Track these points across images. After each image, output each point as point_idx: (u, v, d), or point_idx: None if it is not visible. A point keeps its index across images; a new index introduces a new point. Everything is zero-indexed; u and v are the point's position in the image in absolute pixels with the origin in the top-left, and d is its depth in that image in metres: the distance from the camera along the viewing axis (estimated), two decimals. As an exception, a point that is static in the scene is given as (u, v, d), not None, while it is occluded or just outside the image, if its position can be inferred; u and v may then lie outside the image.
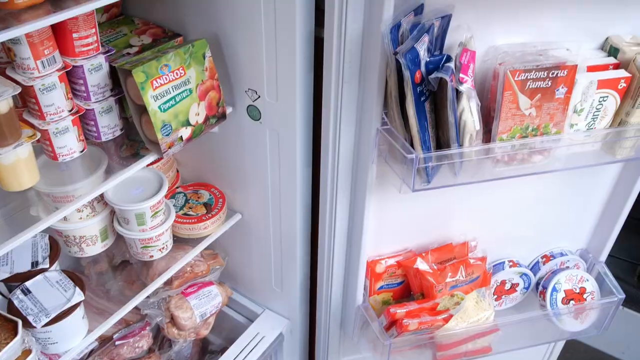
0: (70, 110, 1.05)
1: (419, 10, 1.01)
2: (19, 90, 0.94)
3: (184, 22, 1.26)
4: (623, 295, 1.46)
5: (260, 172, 1.36)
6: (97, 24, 1.05)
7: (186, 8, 1.23)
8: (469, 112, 1.01)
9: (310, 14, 1.11)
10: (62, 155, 1.08)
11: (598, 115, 1.13)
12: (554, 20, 1.11)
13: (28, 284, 1.13)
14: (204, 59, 1.15)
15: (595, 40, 1.18)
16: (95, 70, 1.06)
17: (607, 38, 1.16)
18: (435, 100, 1.02)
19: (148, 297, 1.39)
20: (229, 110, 1.27)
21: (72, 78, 1.06)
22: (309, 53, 1.15)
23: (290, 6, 1.07)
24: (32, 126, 1.02)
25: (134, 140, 1.31)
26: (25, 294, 1.13)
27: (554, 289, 1.46)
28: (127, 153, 1.34)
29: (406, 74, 0.94)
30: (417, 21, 0.99)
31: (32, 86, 0.98)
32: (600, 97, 1.11)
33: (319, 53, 1.13)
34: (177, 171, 1.53)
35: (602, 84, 1.09)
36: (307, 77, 1.17)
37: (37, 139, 0.99)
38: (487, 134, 1.12)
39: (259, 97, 1.23)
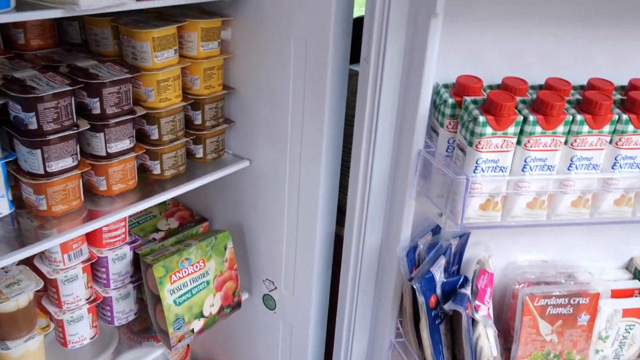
0: (87, 299, 1.07)
1: (436, 229, 1.02)
2: (41, 285, 0.96)
3: (211, 209, 1.31)
4: None
5: (271, 359, 1.32)
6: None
7: (215, 197, 1.29)
8: (486, 338, 0.97)
9: (332, 215, 1.15)
10: (72, 343, 1.08)
11: (625, 342, 1.08)
12: (576, 238, 1.11)
13: None
14: (225, 250, 1.18)
15: (620, 259, 1.16)
16: (119, 260, 1.10)
17: (631, 258, 1.15)
18: (451, 321, 1.00)
19: None
20: (244, 296, 1.27)
21: (95, 266, 1.09)
22: (328, 252, 1.16)
23: (313, 206, 1.11)
24: (48, 314, 1.04)
25: (148, 314, 1.31)
26: None
27: None
28: (140, 327, 1.33)
29: (420, 299, 0.93)
30: (434, 241, 1.00)
31: (55, 278, 1.01)
32: (627, 325, 1.06)
33: (338, 249, 1.15)
34: (188, 345, 1.50)
35: (627, 313, 1.05)
36: (325, 275, 1.18)
37: (49, 331, 1.00)
38: (507, 352, 1.07)
39: (276, 288, 1.24)
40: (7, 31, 1.02)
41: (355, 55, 1.01)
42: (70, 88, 0.88)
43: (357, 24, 0.98)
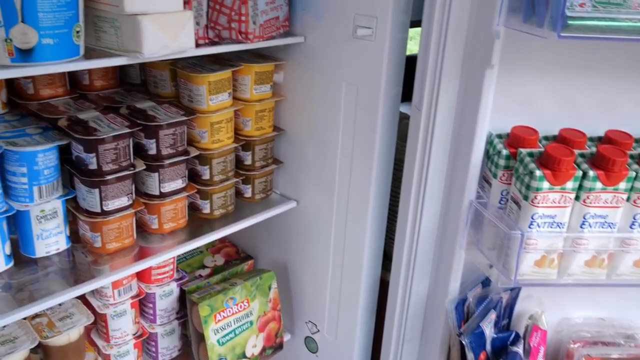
0: (134, 334, 1.08)
1: (486, 281, 0.99)
2: (92, 319, 0.98)
3: (257, 247, 1.32)
4: None
5: (311, 403, 1.29)
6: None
7: (261, 235, 1.30)
8: (539, 400, 0.92)
9: (378, 260, 1.13)
10: (117, 377, 1.09)
11: (693, 412, 1.00)
12: (637, 295, 1.05)
13: None
14: (270, 290, 1.18)
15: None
16: (166, 296, 1.11)
17: (697, 318, 1.07)
18: (501, 380, 0.96)
19: None
20: (287, 337, 1.26)
21: (142, 301, 1.11)
22: (372, 298, 1.14)
23: (359, 250, 1.10)
24: (95, 347, 1.06)
25: (191, 350, 1.32)
26: None
27: None
28: (182, 361, 1.33)
29: (470, 355, 0.89)
30: (484, 294, 0.97)
31: (105, 313, 1.03)
32: (694, 394, 0.98)
33: (383, 294, 1.13)
34: (228, 382, 1.49)
35: (695, 380, 0.98)
36: (369, 321, 1.15)
37: (96, 365, 1.02)
38: (561, 414, 1.01)
39: (319, 330, 1.22)
40: (74, 72, 1.08)
41: (405, 93, 1.01)
42: (130, 130, 0.91)
43: (409, 61, 0.97)
